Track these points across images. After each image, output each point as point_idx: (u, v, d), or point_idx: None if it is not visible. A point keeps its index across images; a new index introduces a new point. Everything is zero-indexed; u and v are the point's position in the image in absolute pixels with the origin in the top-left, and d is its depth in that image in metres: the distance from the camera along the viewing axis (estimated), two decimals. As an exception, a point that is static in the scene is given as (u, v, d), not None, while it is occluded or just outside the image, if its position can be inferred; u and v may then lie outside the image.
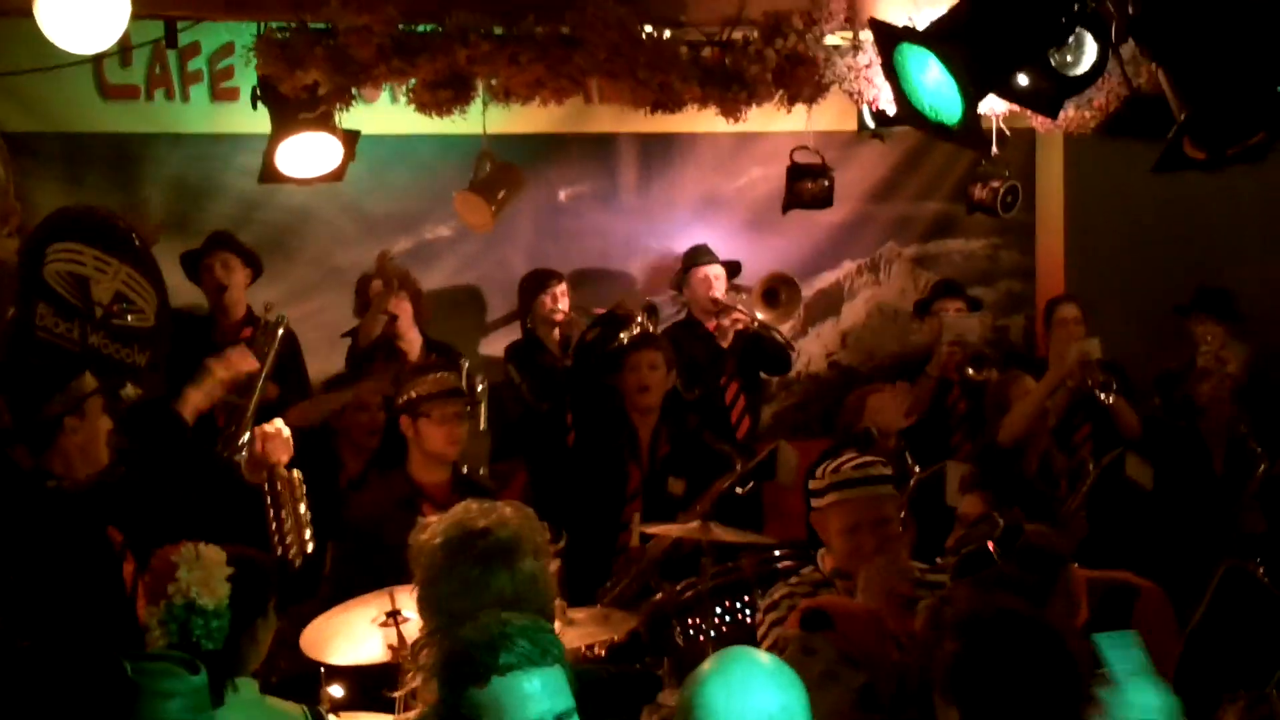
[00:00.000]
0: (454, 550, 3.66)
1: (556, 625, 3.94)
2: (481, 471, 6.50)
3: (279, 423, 5.41)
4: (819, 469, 5.12)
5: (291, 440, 5.37)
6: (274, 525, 5.31)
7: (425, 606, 3.72)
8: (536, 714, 3.01)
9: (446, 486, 5.82)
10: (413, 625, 4.64)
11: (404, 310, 7.37)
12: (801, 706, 2.81)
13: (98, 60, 7.23)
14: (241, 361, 5.70)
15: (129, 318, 6.15)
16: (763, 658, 2.91)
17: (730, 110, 6.28)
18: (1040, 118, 6.30)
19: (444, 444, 5.87)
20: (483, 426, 6.93)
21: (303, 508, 5.35)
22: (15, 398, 5.10)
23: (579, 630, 5.26)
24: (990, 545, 4.23)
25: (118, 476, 5.14)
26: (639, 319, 7.25)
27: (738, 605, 5.63)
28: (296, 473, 5.37)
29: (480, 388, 6.86)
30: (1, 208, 7.15)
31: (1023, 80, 4.51)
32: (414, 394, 5.91)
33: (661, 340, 7.12)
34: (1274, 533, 5.66)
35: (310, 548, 5.36)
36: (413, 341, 7.39)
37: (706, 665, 2.85)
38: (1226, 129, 4.70)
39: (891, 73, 4.58)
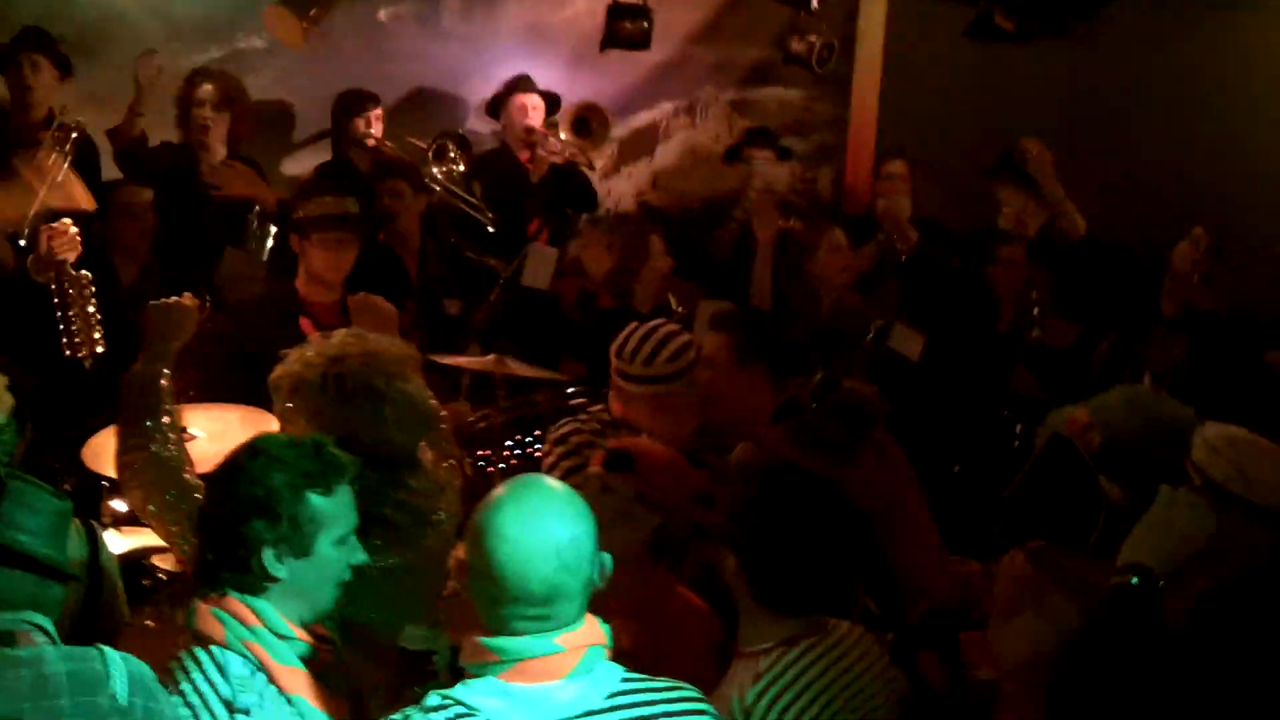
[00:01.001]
0: (341, 381, 3.71)
1: None
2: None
3: (66, 220, 5.31)
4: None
5: (79, 239, 5.28)
6: (63, 325, 5.24)
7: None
8: (353, 521, 3.19)
9: (334, 309, 5.75)
10: (200, 444, 4.65)
11: (220, 122, 7.22)
12: (590, 539, 2.84)
13: None
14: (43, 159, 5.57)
15: None
16: (556, 487, 2.91)
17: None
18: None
19: (325, 268, 5.86)
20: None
21: (91, 308, 5.28)
22: None
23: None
24: (803, 394, 4.35)
25: None
26: (451, 151, 7.23)
27: (528, 440, 5.74)
28: (85, 272, 5.29)
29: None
30: None
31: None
32: (302, 214, 5.91)
33: (409, 169, 7.16)
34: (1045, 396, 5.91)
35: (100, 349, 5.30)
36: (216, 154, 7.26)
37: (499, 491, 2.86)
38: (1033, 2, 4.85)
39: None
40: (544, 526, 2.78)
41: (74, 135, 5.90)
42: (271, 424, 4.08)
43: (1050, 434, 4.12)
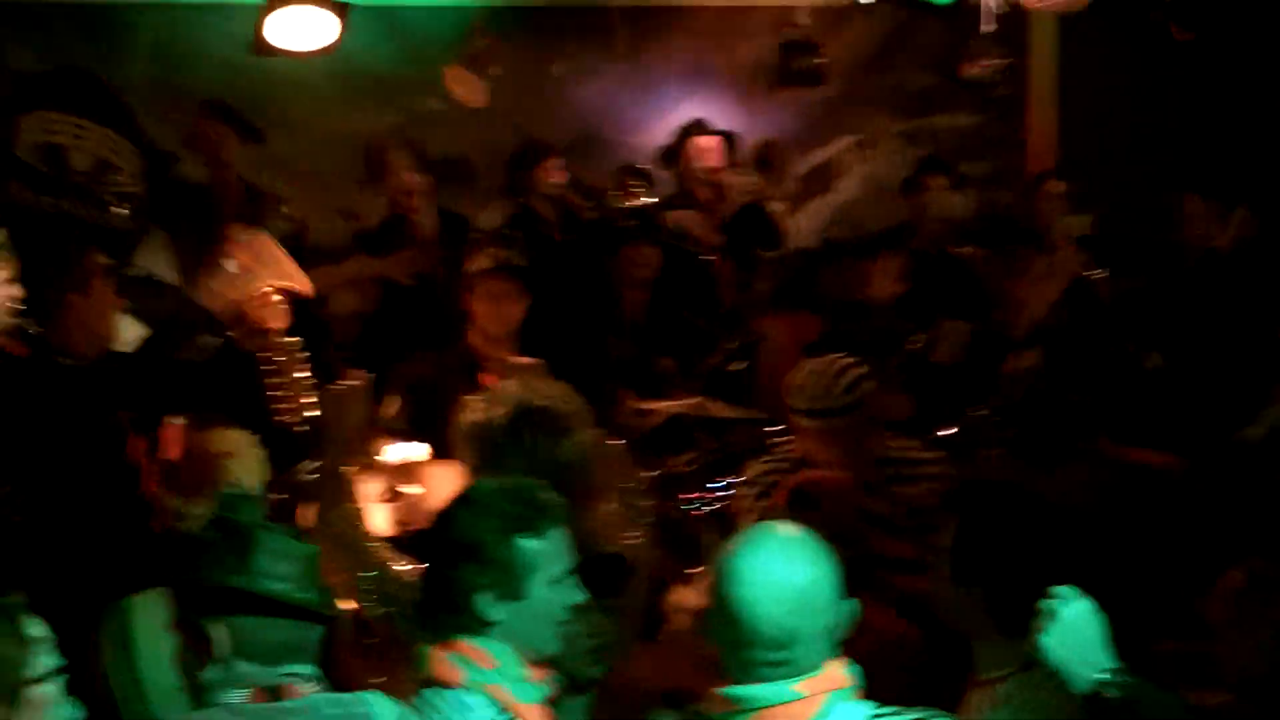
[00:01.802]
0: (519, 426, 3.74)
1: None
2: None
3: (271, 289, 5.38)
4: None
5: (287, 307, 5.35)
6: (274, 393, 5.31)
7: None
8: (568, 564, 3.17)
9: (504, 361, 5.70)
10: (421, 499, 4.68)
11: (422, 185, 7.31)
12: (830, 583, 2.83)
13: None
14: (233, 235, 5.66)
15: (111, 184, 6.06)
16: (794, 531, 2.92)
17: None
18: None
19: (495, 321, 5.82)
20: None
21: (301, 374, 5.34)
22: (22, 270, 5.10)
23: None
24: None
25: (127, 355, 5.14)
26: (641, 197, 7.24)
27: (730, 482, 5.68)
28: (294, 339, 5.36)
29: None
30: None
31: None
32: (470, 268, 5.88)
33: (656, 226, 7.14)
34: None
35: (312, 414, 5.36)
36: (428, 216, 7.34)
37: (738, 539, 2.89)
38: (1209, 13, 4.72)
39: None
40: (781, 570, 2.80)
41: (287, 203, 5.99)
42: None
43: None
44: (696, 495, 5.69)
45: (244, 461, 3.92)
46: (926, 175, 8.16)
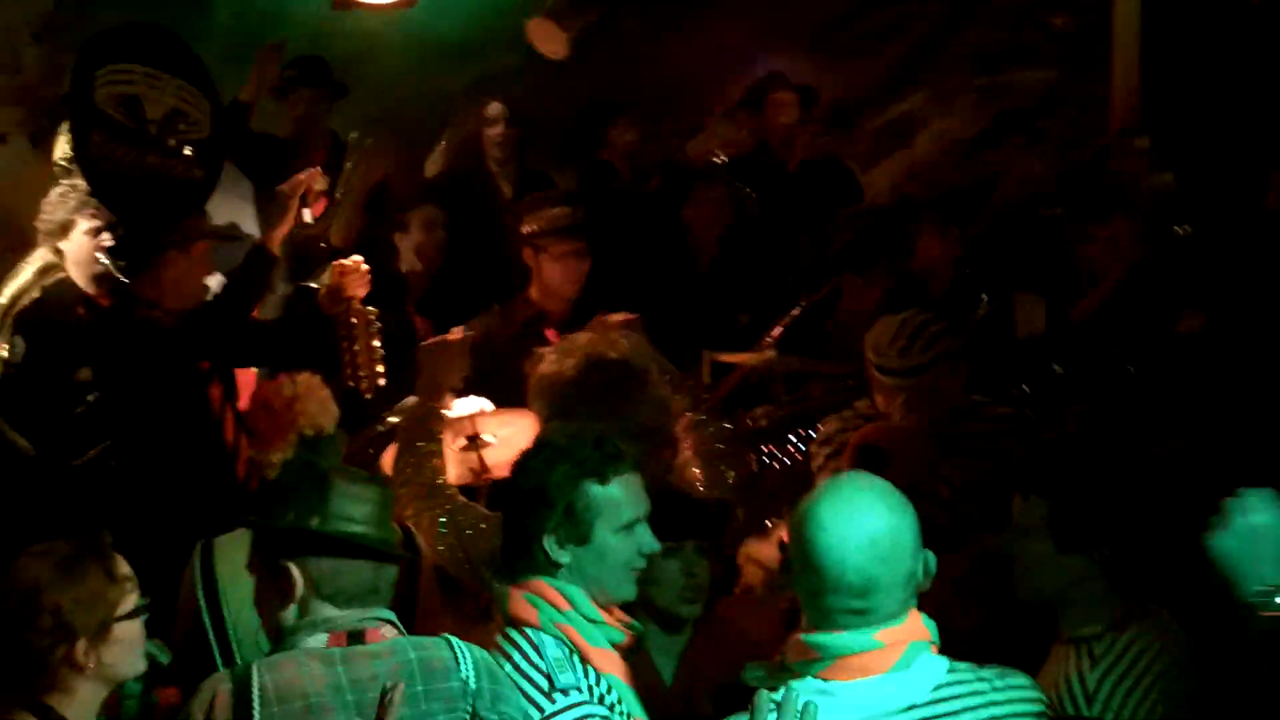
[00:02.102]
0: (593, 378, 3.77)
1: None
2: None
3: (357, 257, 5.45)
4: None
5: (369, 275, 5.42)
6: (348, 357, 5.38)
7: None
8: (638, 512, 3.24)
9: (566, 315, 5.79)
10: (495, 450, 4.73)
11: (511, 137, 7.36)
12: (910, 533, 2.84)
13: (169, -117, 7.16)
14: (310, 179, 5.72)
15: (184, 133, 6.13)
16: (873, 482, 2.93)
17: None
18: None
19: (560, 280, 5.86)
20: None
21: (376, 342, 5.41)
22: (119, 217, 5.20)
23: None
24: None
25: (209, 308, 5.22)
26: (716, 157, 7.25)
27: (810, 434, 5.69)
28: (371, 308, 5.43)
29: None
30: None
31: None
32: (535, 227, 5.90)
33: (727, 177, 7.12)
34: None
35: (382, 382, 5.43)
36: (509, 169, 7.38)
37: (819, 488, 2.91)
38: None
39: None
40: (860, 517, 2.80)
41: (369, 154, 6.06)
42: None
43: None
44: (772, 449, 5.71)
45: (316, 404, 3.98)
46: (1004, 132, 8.09)
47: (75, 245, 5.55)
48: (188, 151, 5.75)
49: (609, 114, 7.64)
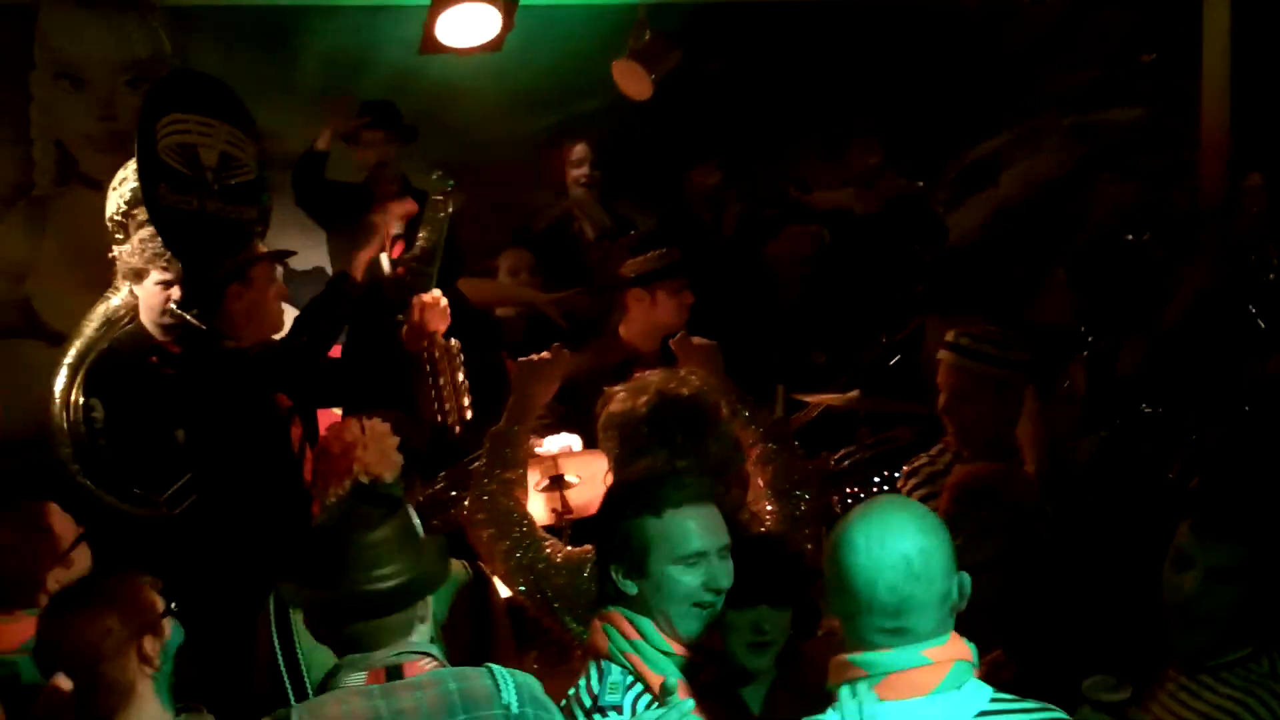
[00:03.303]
0: (662, 417, 3.77)
1: None
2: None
3: (437, 293, 5.49)
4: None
5: (449, 310, 5.45)
6: (433, 392, 5.41)
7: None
8: (700, 546, 3.27)
9: (655, 356, 5.82)
10: (578, 489, 4.74)
11: (596, 179, 7.44)
12: (943, 554, 2.87)
13: (258, -67, 7.32)
14: (400, 206, 5.78)
15: (236, 176, 6.23)
16: (906, 504, 3.02)
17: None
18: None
19: (673, 315, 5.99)
20: None
21: (460, 376, 5.44)
22: (185, 266, 5.29)
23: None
24: None
25: (293, 344, 5.26)
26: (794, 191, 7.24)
27: (895, 475, 5.65)
28: (455, 341, 5.46)
29: None
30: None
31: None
32: (647, 268, 6.03)
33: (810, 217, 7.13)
34: None
35: (469, 415, 5.45)
36: (596, 221, 7.43)
37: (853, 510, 2.97)
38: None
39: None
40: (892, 536, 2.84)
41: (450, 196, 6.12)
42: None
43: None
44: (856, 490, 5.67)
45: (375, 452, 3.97)
46: (1093, 170, 8.02)
47: (147, 294, 5.64)
48: (249, 199, 5.91)
49: (695, 156, 7.66)
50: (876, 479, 5.66)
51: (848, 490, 5.62)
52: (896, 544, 2.83)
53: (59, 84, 7.42)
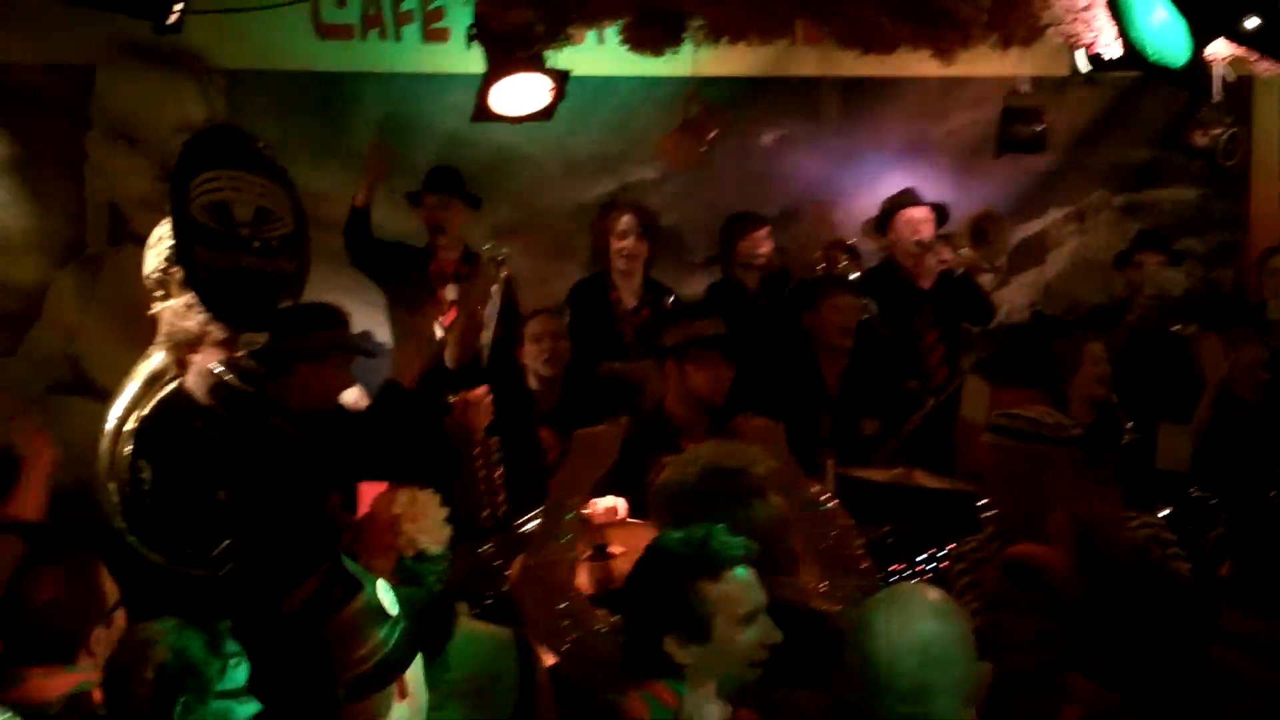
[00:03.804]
0: (712, 488, 3.75)
1: None
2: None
3: (482, 390, 5.49)
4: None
5: (492, 406, 5.45)
6: (470, 485, 5.40)
7: None
8: (757, 601, 3.27)
9: (703, 430, 5.81)
10: (621, 560, 4.71)
11: (641, 251, 7.41)
12: (962, 643, 2.92)
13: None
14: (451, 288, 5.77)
15: (272, 230, 6.26)
16: (927, 591, 3.07)
17: (944, 52, 6.17)
18: (1262, 62, 6.09)
19: (709, 389, 5.95)
20: None
21: (499, 473, 5.44)
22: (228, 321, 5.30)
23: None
24: None
25: (340, 431, 5.26)
26: (843, 262, 7.23)
27: (940, 553, 5.61)
28: (495, 439, 5.46)
29: None
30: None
31: (1252, 23, 4.40)
32: (679, 338, 6.01)
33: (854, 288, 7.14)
34: None
35: (503, 512, 5.45)
36: (634, 279, 7.46)
37: (874, 595, 3.06)
38: None
39: (1116, 14, 4.49)
40: (911, 623, 2.91)
41: (503, 264, 6.15)
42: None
43: None
44: (902, 567, 5.62)
45: (421, 524, 3.94)
46: (1142, 250, 7.99)
47: (203, 355, 5.65)
48: (285, 252, 5.93)
49: (746, 226, 7.67)
50: (921, 557, 5.59)
51: (892, 568, 5.55)
52: (915, 630, 2.89)
53: (114, 144, 7.50)
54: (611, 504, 5.16)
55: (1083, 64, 6.68)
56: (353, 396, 6.14)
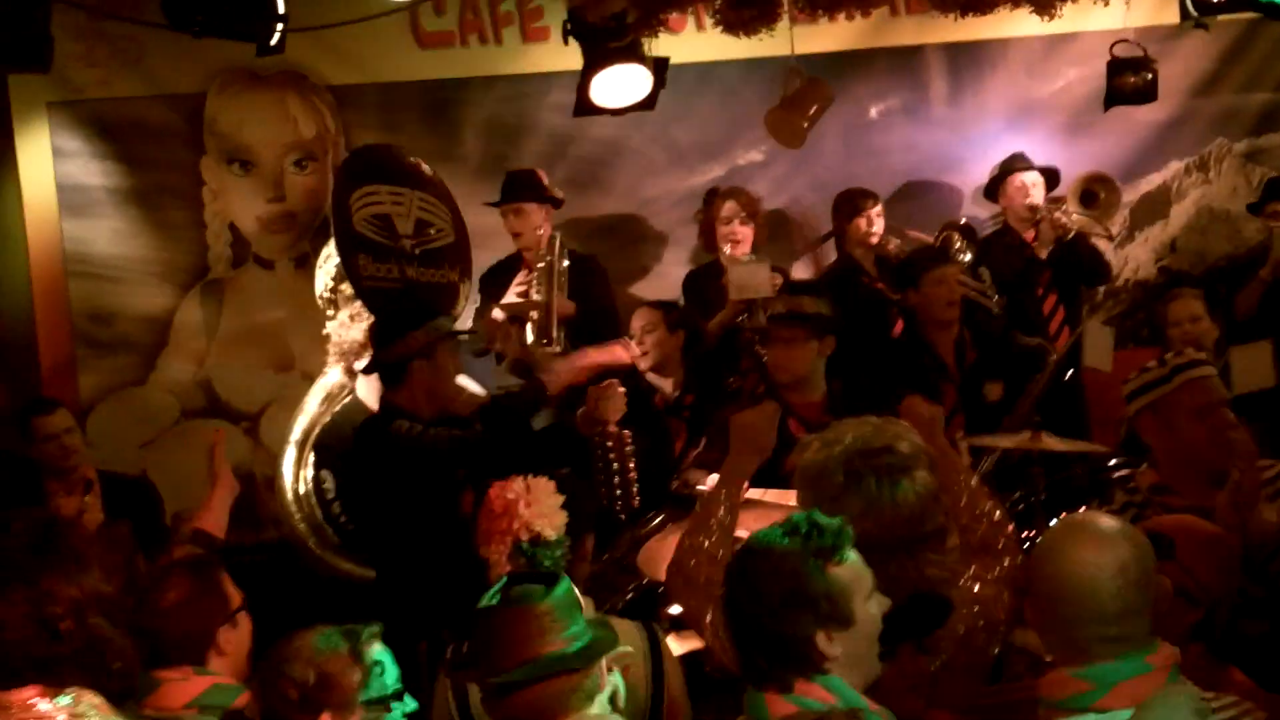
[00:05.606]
0: (859, 467, 3.68)
1: None
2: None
3: (615, 381, 5.49)
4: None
5: (625, 399, 5.45)
6: (602, 478, 5.42)
7: None
8: (870, 574, 3.18)
9: (819, 407, 5.74)
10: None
11: (747, 236, 7.36)
12: (1149, 555, 2.97)
13: (414, 10, 7.46)
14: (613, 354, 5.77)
15: (433, 240, 6.33)
16: (1108, 517, 3.11)
17: (1045, 8, 6.06)
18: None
19: (777, 364, 5.91)
20: None
21: (630, 464, 5.45)
22: (376, 337, 5.41)
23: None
24: None
25: (471, 428, 5.28)
26: (957, 243, 7.17)
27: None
28: (626, 432, 5.46)
29: None
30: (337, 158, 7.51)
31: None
32: (762, 316, 6.08)
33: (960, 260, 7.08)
34: None
35: (636, 503, 5.45)
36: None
37: (1053, 530, 3.10)
38: None
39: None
40: (1109, 545, 2.95)
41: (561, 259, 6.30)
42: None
43: None
44: (1036, 533, 5.52)
45: (536, 510, 3.95)
46: (1273, 199, 7.77)
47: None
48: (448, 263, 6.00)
49: (857, 204, 7.60)
50: (1054, 521, 5.48)
51: (1024, 534, 5.45)
52: (1114, 551, 2.92)
53: (229, 168, 7.65)
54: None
55: (1191, 9, 6.55)
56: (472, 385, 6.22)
